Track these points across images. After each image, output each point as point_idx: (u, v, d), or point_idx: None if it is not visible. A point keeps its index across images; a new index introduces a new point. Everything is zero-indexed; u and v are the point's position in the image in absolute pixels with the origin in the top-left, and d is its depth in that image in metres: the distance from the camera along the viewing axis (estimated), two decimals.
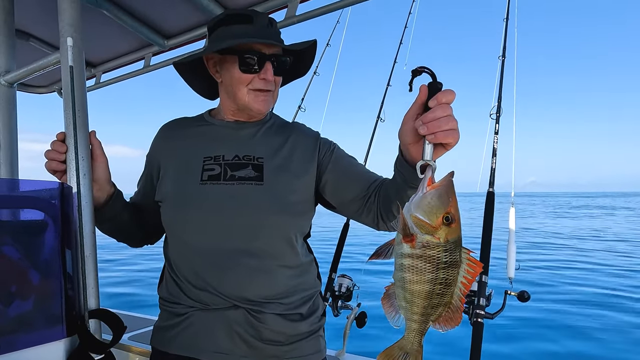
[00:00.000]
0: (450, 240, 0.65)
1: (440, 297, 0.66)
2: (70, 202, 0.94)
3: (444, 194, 0.65)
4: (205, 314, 1.03)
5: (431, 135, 0.71)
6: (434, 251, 0.64)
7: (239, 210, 1.02)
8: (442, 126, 0.70)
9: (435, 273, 0.65)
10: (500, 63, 2.02)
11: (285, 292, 1.05)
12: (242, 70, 1.04)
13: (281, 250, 1.05)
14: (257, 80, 1.05)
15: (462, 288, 0.66)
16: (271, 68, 1.05)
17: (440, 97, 0.71)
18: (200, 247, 1.03)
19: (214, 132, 1.16)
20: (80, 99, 1.01)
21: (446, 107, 0.70)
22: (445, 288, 0.66)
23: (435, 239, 0.64)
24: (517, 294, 1.71)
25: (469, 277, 0.66)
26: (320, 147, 1.15)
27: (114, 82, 2.10)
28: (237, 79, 1.06)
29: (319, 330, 1.13)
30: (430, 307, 0.67)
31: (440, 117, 0.70)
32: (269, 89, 1.08)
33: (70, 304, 0.89)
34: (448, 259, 0.65)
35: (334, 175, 1.11)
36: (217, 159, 1.09)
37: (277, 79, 1.10)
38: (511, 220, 1.92)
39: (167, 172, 1.13)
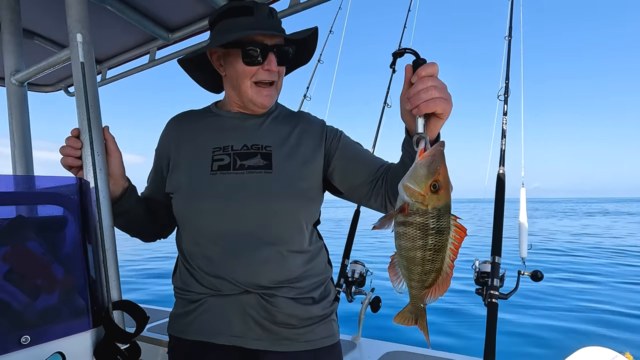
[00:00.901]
0: (437, 207, 0.67)
1: (432, 263, 0.69)
2: (88, 197, 0.95)
3: (432, 163, 0.67)
4: (219, 299, 1.05)
5: (415, 108, 0.73)
6: (422, 218, 0.67)
7: (249, 198, 1.03)
8: (422, 97, 0.72)
9: (425, 239, 0.67)
10: (507, 43, 2.00)
11: (296, 277, 1.07)
12: (246, 63, 1.05)
13: (291, 236, 1.06)
14: (261, 72, 1.06)
15: (451, 254, 0.68)
16: (274, 59, 1.05)
17: (420, 71, 0.74)
18: (212, 236, 1.05)
19: (221, 123, 1.17)
20: (92, 95, 1.02)
21: (426, 79, 0.73)
22: (435, 254, 0.68)
23: (423, 206, 0.67)
24: (531, 274, 1.71)
25: (456, 243, 0.68)
26: (327, 134, 1.16)
27: (120, 77, 2.10)
28: (241, 72, 1.07)
29: (331, 314, 1.14)
30: (424, 273, 0.70)
31: (419, 89, 0.72)
32: (273, 80, 1.09)
33: (94, 296, 0.91)
34: (435, 225, 0.67)
35: (341, 162, 1.12)
36: (226, 149, 1.10)
37: (281, 69, 1.10)
38: (522, 201, 1.91)
39: (177, 164, 1.14)
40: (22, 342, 0.77)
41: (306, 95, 2.73)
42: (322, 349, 1.09)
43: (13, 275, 0.78)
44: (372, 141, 2.50)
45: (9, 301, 0.77)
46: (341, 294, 2.08)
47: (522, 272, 1.73)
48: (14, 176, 1.07)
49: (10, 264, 0.78)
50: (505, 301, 1.65)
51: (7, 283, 0.77)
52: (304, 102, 2.73)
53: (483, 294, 1.67)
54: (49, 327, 0.82)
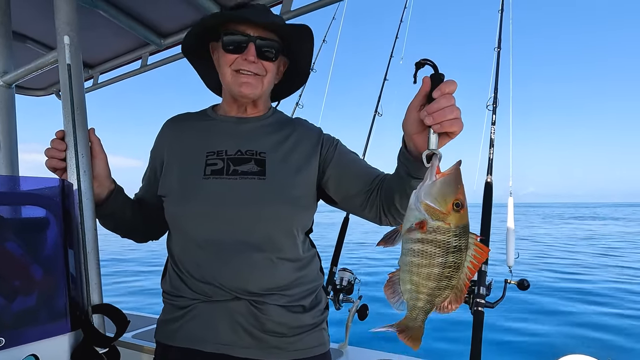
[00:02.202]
0: (460, 226, 0.67)
1: (448, 280, 0.68)
2: (71, 199, 0.95)
3: (453, 181, 0.67)
4: (208, 305, 1.04)
5: (437, 125, 0.72)
6: (445, 236, 0.66)
7: (241, 204, 1.03)
8: (447, 115, 0.71)
9: (445, 257, 0.67)
10: (496, 54, 2.03)
11: (287, 284, 1.06)
12: (226, 51, 1.06)
13: (283, 243, 1.05)
14: (240, 61, 1.06)
15: (468, 273, 0.68)
16: (254, 48, 1.05)
17: (444, 88, 0.72)
18: (202, 241, 1.04)
19: (216, 127, 1.17)
20: (78, 97, 1.02)
21: (449, 96, 0.72)
22: (454, 271, 0.68)
23: (445, 225, 0.66)
24: (517, 282, 1.72)
25: (475, 262, 0.68)
26: (323, 142, 1.16)
27: (111, 82, 2.10)
28: (222, 60, 1.08)
29: (322, 323, 1.13)
30: (438, 289, 0.69)
31: (444, 106, 0.71)
32: (253, 72, 1.07)
33: (73, 299, 0.90)
34: (457, 243, 0.67)
35: (337, 171, 1.12)
36: (220, 153, 1.09)
37: (267, 65, 1.09)
38: (510, 209, 1.93)
39: (171, 166, 1.14)
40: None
41: (298, 103, 2.75)
42: (312, 358, 1.07)
43: None
44: (362, 149, 2.51)
45: None
46: (329, 301, 2.07)
47: (508, 281, 1.73)
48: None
49: None
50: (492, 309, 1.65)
51: None
52: (297, 109, 2.74)
53: (469, 302, 1.67)
54: (25, 329, 0.81)
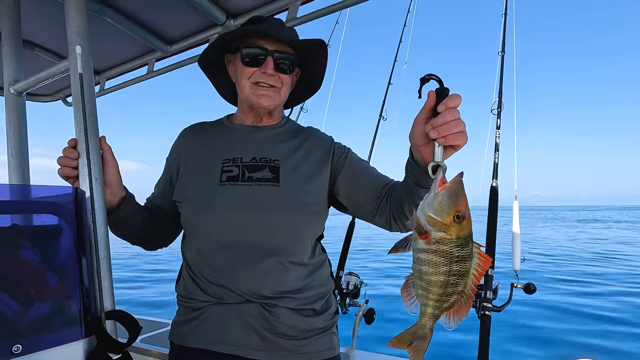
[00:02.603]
0: (462, 237, 0.68)
1: (454, 286, 0.70)
2: (83, 207, 0.96)
3: (454, 194, 0.68)
4: (220, 307, 1.06)
5: (442, 138, 0.75)
6: (447, 247, 0.68)
7: (255, 210, 1.05)
8: (452, 129, 0.74)
9: (449, 266, 0.69)
10: (500, 58, 2.04)
11: (298, 288, 1.07)
12: (244, 63, 1.10)
13: (295, 248, 1.07)
14: (258, 74, 1.09)
15: (474, 279, 0.70)
16: (272, 62, 1.09)
17: (449, 102, 0.75)
18: (217, 245, 1.06)
19: (232, 135, 1.20)
20: (89, 106, 1.04)
21: (454, 111, 0.74)
22: (459, 279, 0.70)
23: (447, 236, 0.68)
24: (524, 286, 1.72)
25: (479, 270, 0.70)
26: (335, 151, 1.19)
27: (118, 88, 2.12)
28: (241, 72, 1.11)
29: (332, 327, 1.15)
30: (445, 295, 0.71)
31: (449, 121, 0.74)
32: (271, 84, 1.11)
33: (87, 306, 0.91)
34: (460, 253, 0.69)
35: (348, 179, 1.15)
36: (236, 161, 1.12)
37: (283, 78, 1.13)
38: (515, 213, 1.93)
39: (187, 173, 1.16)
40: (14, 351, 0.77)
41: (303, 108, 2.76)
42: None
43: (6, 283, 0.78)
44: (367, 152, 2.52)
45: (1, 310, 0.77)
46: None
47: (515, 285, 1.74)
48: (10, 185, 1.07)
49: (3, 272, 0.79)
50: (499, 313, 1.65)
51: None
52: (301, 114, 2.76)
53: (476, 306, 1.68)
54: (41, 336, 0.82)
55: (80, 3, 1.07)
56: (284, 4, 1.49)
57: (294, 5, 1.48)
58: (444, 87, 0.77)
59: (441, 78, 0.77)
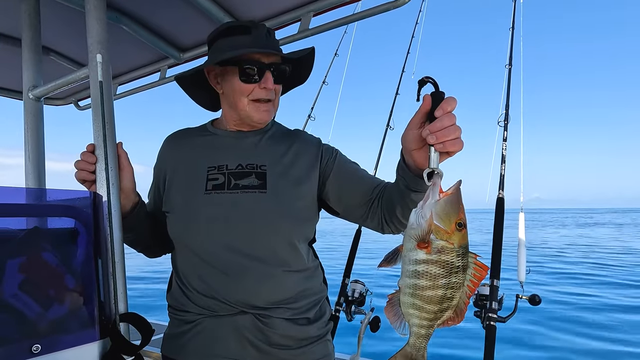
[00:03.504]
0: (462, 245, 0.67)
1: (450, 300, 0.68)
2: (101, 211, 0.99)
3: (455, 201, 0.68)
4: (214, 320, 1.06)
5: (440, 144, 0.73)
6: (449, 256, 0.67)
7: (243, 218, 1.04)
8: (449, 135, 0.72)
9: (449, 278, 0.67)
10: (507, 71, 2.06)
11: (292, 297, 1.07)
12: (243, 81, 1.07)
13: (286, 255, 1.07)
14: (258, 90, 1.08)
15: (468, 291, 0.68)
16: (271, 77, 1.08)
17: (446, 106, 0.73)
18: (206, 256, 1.06)
19: (217, 142, 1.19)
20: (108, 112, 1.06)
21: (452, 116, 0.73)
22: (455, 292, 0.68)
23: (449, 245, 0.67)
24: (529, 298, 1.73)
25: (475, 281, 0.68)
26: (323, 153, 1.17)
27: (130, 93, 2.15)
28: (238, 89, 1.08)
29: (326, 334, 1.15)
30: (440, 311, 0.69)
31: (447, 126, 0.72)
32: (270, 98, 1.11)
33: (102, 308, 0.93)
34: (460, 263, 0.67)
35: (337, 182, 1.13)
36: (221, 168, 1.11)
37: (278, 88, 1.13)
38: (521, 225, 1.94)
39: (173, 182, 1.16)
40: (33, 351, 0.79)
41: (310, 116, 2.79)
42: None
43: (28, 285, 0.81)
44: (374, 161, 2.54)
45: (23, 310, 0.79)
46: (341, 313, 2.09)
47: (520, 296, 1.74)
48: (29, 189, 1.10)
49: (25, 274, 0.81)
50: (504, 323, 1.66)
51: (21, 292, 0.80)
52: (309, 122, 2.79)
53: (481, 316, 1.69)
54: (59, 336, 0.84)
55: (101, 12, 1.10)
56: (296, 16, 1.52)
57: (306, 17, 1.51)
58: (440, 91, 0.75)
59: (437, 81, 0.75)
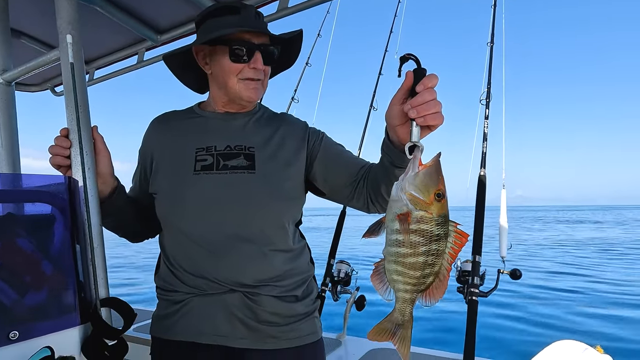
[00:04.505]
0: (441, 215, 0.70)
1: (432, 267, 0.71)
2: (77, 196, 0.97)
3: (434, 173, 0.70)
4: (203, 299, 1.07)
5: (421, 118, 0.76)
6: (428, 225, 0.69)
7: (232, 198, 1.06)
8: (430, 109, 0.75)
9: (429, 245, 0.70)
10: (489, 49, 2.06)
11: (280, 275, 1.09)
12: (232, 60, 1.07)
13: (274, 235, 1.08)
14: (247, 70, 1.08)
15: (449, 258, 0.71)
16: (260, 57, 1.08)
17: (427, 82, 0.76)
18: (195, 236, 1.07)
19: (205, 123, 1.19)
20: (81, 95, 1.04)
21: (432, 91, 0.76)
22: (436, 259, 0.71)
23: (428, 214, 0.69)
24: (510, 272, 1.76)
25: (456, 248, 0.71)
26: (310, 136, 1.19)
27: (108, 78, 2.10)
28: (228, 69, 1.09)
29: (314, 312, 1.17)
30: (422, 277, 0.72)
31: (428, 100, 0.75)
32: (259, 78, 1.11)
33: (82, 293, 0.93)
34: (439, 232, 0.70)
35: (323, 163, 1.15)
36: (209, 149, 1.12)
37: (267, 69, 1.13)
38: (502, 201, 1.97)
39: (160, 164, 1.16)
40: (11, 338, 0.79)
41: (294, 98, 2.77)
42: (305, 346, 1.11)
43: (2, 271, 0.79)
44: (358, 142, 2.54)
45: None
46: (327, 293, 2.11)
47: (501, 271, 1.78)
48: (3, 174, 1.07)
49: (0, 260, 0.80)
50: (486, 298, 1.70)
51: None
52: (292, 104, 2.76)
53: (464, 292, 1.72)
54: (37, 323, 0.84)
55: None
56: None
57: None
58: (422, 68, 0.78)
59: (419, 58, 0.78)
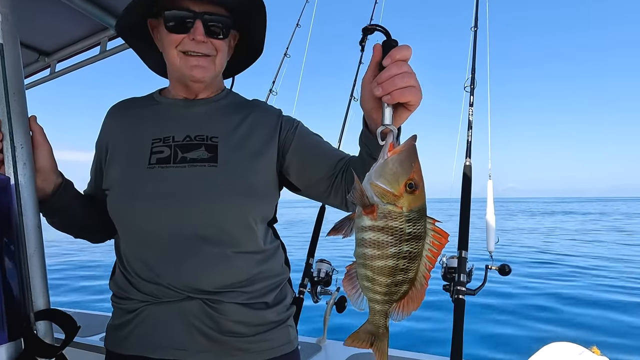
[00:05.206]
0: (414, 209, 0.59)
1: (405, 273, 0.60)
2: (8, 194, 0.85)
3: (406, 159, 0.59)
4: (158, 307, 0.96)
5: (387, 95, 0.65)
6: (397, 222, 0.58)
7: (190, 194, 0.95)
8: (397, 84, 0.64)
9: (399, 246, 0.59)
10: (473, 34, 1.97)
11: (246, 279, 0.98)
12: (169, 30, 0.96)
13: (239, 236, 0.97)
14: (187, 41, 0.96)
15: (428, 263, 0.60)
16: (202, 27, 0.96)
17: (394, 54, 0.65)
18: (149, 237, 0.96)
19: (163, 111, 1.08)
20: (16, 82, 0.92)
21: (401, 63, 0.65)
22: (410, 263, 0.60)
23: (397, 209, 0.59)
24: (498, 268, 1.68)
25: (435, 250, 0.60)
26: (282, 125, 1.07)
27: (70, 70, 1.98)
28: (166, 41, 0.98)
29: (287, 319, 1.06)
30: (394, 284, 0.61)
31: (394, 74, 0.64)
32: (203, 53, 0.98)
33: (12, 305, 0.81)
34: (412, 230, 0.59)
35: (298, 155, 1.04)
36: (167, 140, 1.01)
37: (217, 44, 1.00)
38: (489, 193, 1.88)
39: (114, 157, 1.05)
40: None
41: (272, 90, 2.66)
42: (278, 358, 1.01)
43: None
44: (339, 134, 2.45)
45: None
46: (306, 295, 2.01)
47: (489, 267, 1.69)
48: None
49: None
50: (474, 296, 1.61)
51: None
52: (271, 97, 2.65)
53: (450, 290, 1.63)
54: None
55: None
56: None
57: None
58: (392, 39, 0.68)
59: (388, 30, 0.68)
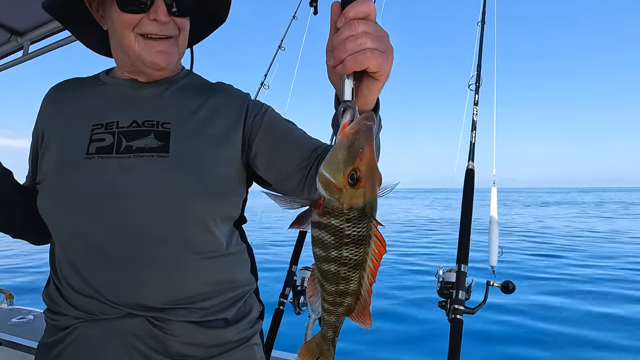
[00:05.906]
0: (355, 207, 0.48)
1: (346, 283, 0.51)
2: None
3: (353, 144, 0.47)
4: (93, 325, 0.81)
5: (340, 65, 0.53)
6: (337, 220, 0.49)
7: (135, 190, 0.80)
8: (348, 48, 0.51)
9: (339, 250, 0.49)
10: (479, 30, 1.84)
11: (202, 293, 0.84)
12: (123, 10, 0.82)
13: (194, 239, 0.83)
14: (147, 22, 0.83)
15: (370, 276, 0.51)
16: (163, 4, 0.82)
17: (348, 12, 0.52)
18: (83, 241, 0.81)
19: (108, 93, 0.93)
20: None
21: (356, 22, 0.52)
22: (350, 272, 0.51)
23: (338, 204, 0.48)
24: (501, 285, 1.52)
25: (374, 261, 0.50)
26: (249, 110, 0.92)
27: (44, 52, 1.85)
28: (120, 22, 0.83)
29: (252, 337, 0.92)
30: (337, 294, 0.53)
31: (345, 37, 0.52)
32: (166, 34, 0.85)
33: None
34: (352, 231, 0.49)
35: (266, 144, 0.89)
36: (110, 126, 0.86)
37: (181, 22, 0.87)
38: (493, 201, 1.73)
39: (49, 146, 0.89)
40: None
41: (264, 84, 2.51)
42: None
43: None
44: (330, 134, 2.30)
45: None
46: (287, 305, 1.84)
47: (491, 283, 1.54)
48: None
49: None
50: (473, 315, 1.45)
51: None
52: (262, 90, 2.51)
53: (446, 308, 1.47)
54: None
55: None
56: None
57: None
58: None
59: None
